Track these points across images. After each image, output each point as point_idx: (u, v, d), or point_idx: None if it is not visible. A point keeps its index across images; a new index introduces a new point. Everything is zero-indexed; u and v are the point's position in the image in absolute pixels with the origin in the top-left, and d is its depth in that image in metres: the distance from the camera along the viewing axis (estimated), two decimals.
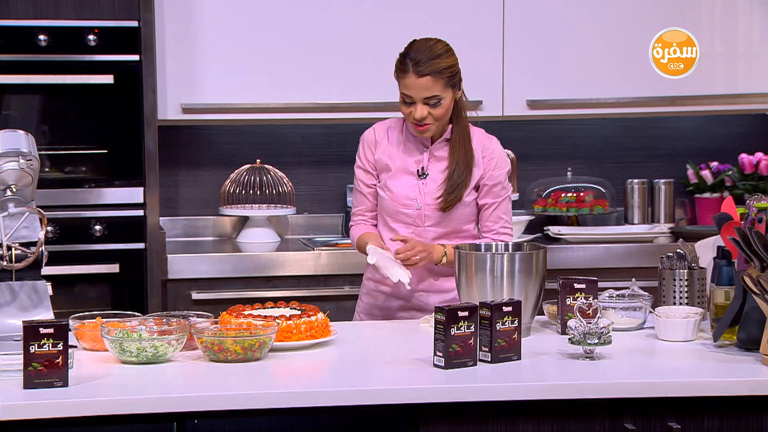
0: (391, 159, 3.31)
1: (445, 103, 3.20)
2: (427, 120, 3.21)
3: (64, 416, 2.44)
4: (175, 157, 4.74)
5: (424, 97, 3.18)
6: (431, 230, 3.30)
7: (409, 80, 3.18)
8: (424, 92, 3.17)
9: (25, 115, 4.30)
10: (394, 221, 3.31)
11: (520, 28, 4.65)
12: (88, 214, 4.24)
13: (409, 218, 3.30)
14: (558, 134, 5.04)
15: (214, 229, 4.82)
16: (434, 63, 3.18)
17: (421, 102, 3.18)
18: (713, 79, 4.76)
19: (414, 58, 3.18)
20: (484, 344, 2.75)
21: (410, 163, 3.30)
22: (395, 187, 3.29)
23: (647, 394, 2.62)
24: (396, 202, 3.29)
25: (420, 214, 3.29)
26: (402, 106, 3.24)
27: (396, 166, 3.30)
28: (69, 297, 4.16)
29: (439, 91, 3.18)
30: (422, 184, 3.29)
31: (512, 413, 2.61)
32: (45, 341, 2.50)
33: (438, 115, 3.20)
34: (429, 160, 3.29)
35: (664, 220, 4.92)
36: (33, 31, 4.16)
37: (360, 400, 2.55)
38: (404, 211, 3.29)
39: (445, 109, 3.21)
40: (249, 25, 4.51)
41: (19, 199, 2.94)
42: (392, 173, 3.30)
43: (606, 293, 3.18)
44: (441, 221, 3.28)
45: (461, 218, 3.30)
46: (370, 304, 3.40)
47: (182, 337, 2.78)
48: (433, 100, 3.19)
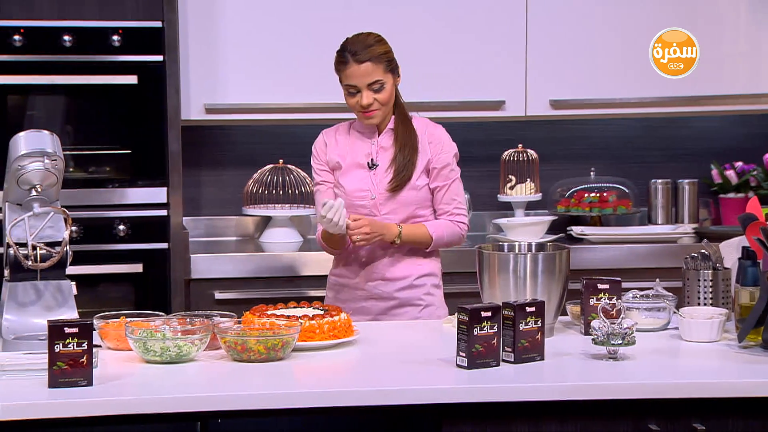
0: (342, 157, 3.45)
1: (387, 87, 3.36)
2: (374, 106, 3.36)
3: (89, 415, 2.45)
4: (198, 157, 4.75)
5: (367, 84, 3.34)
6: (388, 218, 3.42)
7: (350, 70, 3.34)
8: (366, 78, 3.33)
9: (50, 115, 4.32)
10: (352, 215, 3.40)
11: (544, 29, 4.64)
12: (112, 214, 4.26)
13: (365, 209, 3.41)
14: (581, 134, 5.03)
15: (237, 229, 4.83)
16: (371, 50, 3.35)
17: (365, 89, 3.34)
18: (734, 79, 4.73)
19: (351, 50, 3.36)
20: (507, 344, 2.75)
21: (360, 157, 3.44)
22: (347, 182, 3.43)
23: (671, 395, 2.61)
24: (350, 196, 3.42)
25: (375, 203, 3.41)
26: (348, 99, 3.38)
27: (347, 163, 3.43)
28: (93, 297, 4.18)
29: (380, 75, 3.34)
30: (373, 174, 3.42)
31: (535, 414, 2.60)
32: (70, 340, 2.51)
33: (383, 100, 3.36)
34: (377, 152, 3.43)
35: (688, 221, 4.90)
36: (57, 31, 4.18)
37: (383, 400, 2.55)
38: (359, 203, 3.41)
39: (388, 94, 3.37)
40: (272, 26, 4.52)
41: (44, 199, 2.95)
42: (344, 170, 3.44)
43: (630, 294, 3.17)
44: (396, 208, 3.40)
45: (415, 203, 3.41)
46: (333, 298, 3.50)
47: (206, 337, 2.78)
48: (376, 85, 3.35)
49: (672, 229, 4.78)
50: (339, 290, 3.51)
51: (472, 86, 4.63)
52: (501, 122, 4.85)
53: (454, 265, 4.40)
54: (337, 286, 3.52)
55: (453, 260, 4.41)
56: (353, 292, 3.48)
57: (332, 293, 3.54)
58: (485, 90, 4.63)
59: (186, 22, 4.41)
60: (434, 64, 4.60)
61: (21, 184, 2.93)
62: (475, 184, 4.91)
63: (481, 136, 4.96)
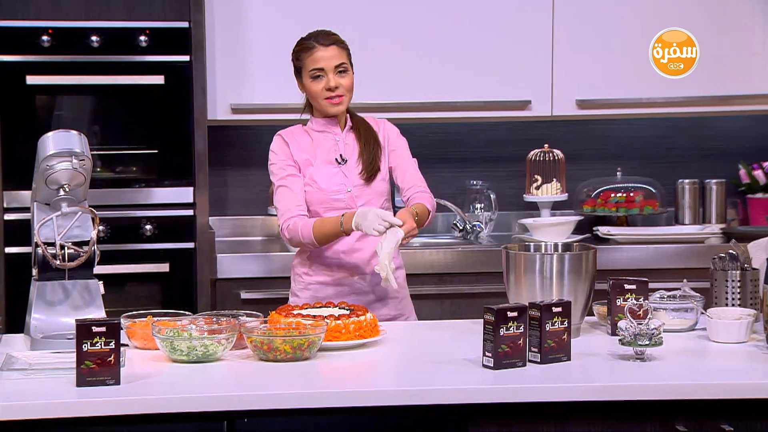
0: (308, 153, 3.46)
1: (350, 74, 3.42)
2: (340, 90, 3.40)
3: (116, 414, 2.46)
4: (224, 157, 4.76)
5: (334, 66, 3.39)
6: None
7: (318, 53, 3.39)
8: (333, 60, 3.39)
9: (77, 115, 4.35)
10: (327, 210, 3.42)
11: (570, 28, 4.63)
12: (139, 214, 4.28)
13: (341, 203, 3.42)
14: (607, 134, 5.01)
15: (263, 229, 4.84)
16: (334, 36, 3.44)
17: (332, 71, 3.39)
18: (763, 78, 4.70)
19: (315, 37, 3.43)
20: (533, 345, 2.74)
21: (327, 154, 3.46)
22: (321, 178, 3.43)
23: (699, 395, 2.60)
24: (326, 191, 3.42)
25: (351, 196, 3.43)
26: (313, 85, 3.40)
27: (317, 160, 3.45)
28: (119, 296, 4.20)
29: (345, 58, 3.41)
30: (345, 169, 3.45)
31: (562, 414, 2.59)
32: (97, 340, 2.52)
33: (347, 86, 3.41)
34: (343, 149, 3.46)
35: (715, 221, 4.87)
36: (85, 32, 4.20)
37: (408, 400, 2.55)
38: (335, 197, 3.43)
39: (351, 80, 3.43)
40: (297, 26, 4.48)
41: (72, 199, 2.97)
42: (315, 166, 3.44)
43: (657, 294, 3.15)
44: (371, 198, 3.44)
45: (384, 191, 3.47)
46: (310, 297, 3.43)
47: (232, 337, 2.79)
48: (342, 67, 3.40)
49: (699, 230, 4.76)
50: (317, 290, 3.44)
51: (498, 86, 4.62)
52: (527, 122, 4.84)
53: (481, 265, 4.40)
54: (314, 285, 3.44)
55: (476, 260, 4.42)
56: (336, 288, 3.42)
57: (309, 293, 3.44)
58: (511, 90, 4.63)
59: (212, 23, 4.42)
60: (460, 64, 4.59)
61: (49, 183, 2.94)
62: (501, 184, 4.90)
63: (507, 135, 4.95)
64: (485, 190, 4.84)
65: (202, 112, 4.27)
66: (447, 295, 4.39)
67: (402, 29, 4.55)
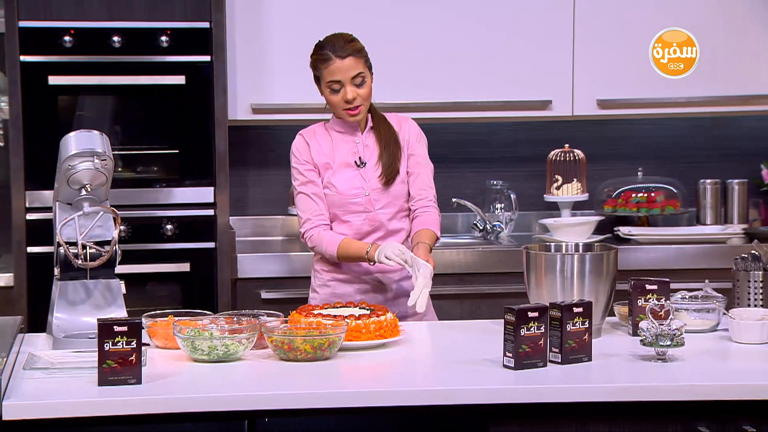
0: (328, 156, 3.45)
1: (368, 82, 3.39)
2: (357, 101, 3.38)
3: (138, 413, 2.47)
4: (244, 157, 4.77)
5: (351, 77, 3.35)
6: (382, 212, 3.44)
7: (334, 66, 3.35)
8: (350, 72, 3.35)
9: (99, 115, 4.36)
10: (345, 213, 3.43)
11: (591, 28, 4.61)
12: (160, 214, 4.29)
13: (359, 206, 3.42)
14: (628, 134, 4.99)
15: (283, 229, 4.85)
16: (351, 45, 3.38)
17: (349, 83, 3.36)
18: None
19: (331, 47, 3.37)
20: (554, 345, 2.74)
21: (346, 156, 3.45)
22: (339, 181, 3.43)
23: (721, 396, 2.58)
24: (344, 195, 3.42)
25: (369, 199, 3.43)
26: (331, 97, 3.39)
27: (336, 162, 3.44)
28: (140, 295, 4.21)
29: (362, 68, 3.37)
30: (363, 172, 3.43)
31: (583, 415, 2.59)
32: (119, 339, 2.53)
33: (365, 95, 3.39)
34: (363, 151, 3.44)
35: (737, 221, 4.85)
36: (107, 32, 4.21)
37: (429, 400, 2.55)
38: (354, 201, 3.42)
39: (369, 89, 3.40)
40: (318, 26, 4.49)
41: (93, 199, 2.98)
42: (334, 170, 3.44)
43: (678, 294, 3.14)
44: (389, 201, 3.43)
45: (403, 194, 3.46)
46: (329, 294, 3.45)
47: (253, 336, 2.80)
48: (359, 79, 3.36)
49: (721, 230, 4.74)
50: (334, 286, 3.46)
51: (518, 86, 4.61)
52: (548, 122, 4.83)
53: (501, 265, 4.40)
54: (333, 282, 3.46)
55: (496, 260, 4.41)
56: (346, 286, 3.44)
57: (327, 290, 3.46)
58: (532, 90, 4.62)
59: (233, 23, 4.43)
60: (481, 63, 4.59)
61: (71, 183, 2.96)
62: (521, 184, 4.90)
63: (527, 135, 4.94)
64: (505, 190, 4.83)
65: (222, 112, 4.28)
66: (467, 295, 4.38)
67: (422, 29, 4.55)
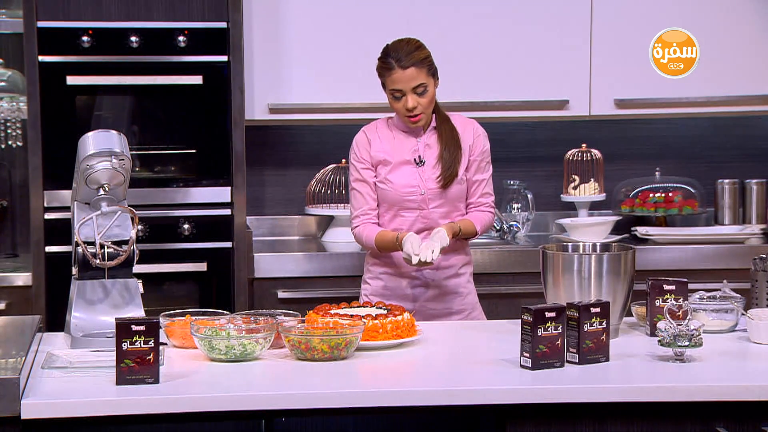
0: (388, 153, 3.49)
1: (430, 90, 3.43)
2: (418, 109, 3.42)
3: (155, 413, 2.47)
4: (261, 156, 4.78)
5: (412, 87, 3.40)
6: (435, 211, 3.49)
7: (396, 75, 3.40)
8: (411, 82, 3.39)
9: (116, 115, 4.38)
10: (400, 209, 3.48)
11: (608, 28, 4.60)
12: (177, 213, 4.30)
13: (414, 203, 3.47)
14: (646, 133, 4.98)
15: (300, 229, 4.85)
16: (414, 55, 3.41)
17: (410, 92, 3.40)
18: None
19: (395, 56, 3.42)
20: (571, 345, 2.73)
21: (406, 154, 3.49)
22: (396, 177, 3.47)
23: (740, 397, 2.57)
24: (400, 191, 3.47)
25: (424, 198, 3.47)
26: (393, 103, 3.45)
27: (395, 159, 3.48)
28: (158, 295, 4.22)
29: (423, 79, 3.40)
30: (421, 170, 3.47)
31: (600, 415, 2.58)
32: (137, 338, 2.54)
33: (426, 104, 3.43)
34: (423, 150, 3.48)
35: (756, 221, 4.83)
36: (125, 32, 4.23)
37: (446, 400, 2.55)
38: (409, 198, 3.47)
39: (430, 97, 3.44)
40: (335, 26, 4.53)
41: (111, 198, 2.99)
42: (391, 166, 3.48)
43: (696, 295, 3.13)
44: (444, 202, 3.48)
45: (459, 195, 3.50)
46: (381, 287, 3.51)
47: (270, 336, 2.80)
48: (420, 89, 3.40)
49: (739, 230, 4.72)
50: (385, 279, 3.52)
51: (536, 86, 4.61)
52: (565, 122, 4.82)
53: (518, 265, 4.39)
54: (383, 275, 3.52)
55: (513, 260, 4.41)
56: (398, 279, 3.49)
57: (379, 282, 3.53)
58: (549, 89, 4.61)
59: (251, 23, 4.43)
60: (498, 63, 4.59)
61: (89, 183, 2.97)
62: (539, 183, 4.89)
63: (544, 135, 4.93)
64: (522, 190, 4.82)
65: (240, 112, 4.29)
66: (484, 295, 4.35)
67: (440, 30, 4.54)
